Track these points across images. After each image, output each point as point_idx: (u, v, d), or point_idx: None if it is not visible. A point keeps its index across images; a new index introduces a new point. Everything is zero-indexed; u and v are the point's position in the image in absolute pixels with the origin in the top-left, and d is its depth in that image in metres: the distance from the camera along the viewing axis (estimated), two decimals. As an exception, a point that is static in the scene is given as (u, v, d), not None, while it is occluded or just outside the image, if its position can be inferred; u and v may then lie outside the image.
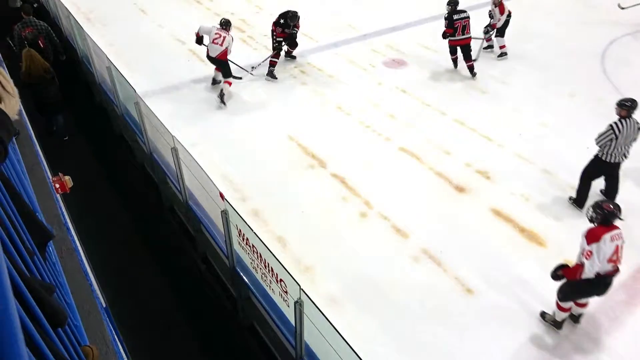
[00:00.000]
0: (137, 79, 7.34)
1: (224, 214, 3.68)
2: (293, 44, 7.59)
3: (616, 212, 3.50)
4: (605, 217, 3.50)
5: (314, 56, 8.27)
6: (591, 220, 3.56)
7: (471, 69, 7.38)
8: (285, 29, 7.29)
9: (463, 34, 7.13)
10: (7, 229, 1.13)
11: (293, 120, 6.51)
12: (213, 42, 6.41)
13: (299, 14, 7.45)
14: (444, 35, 7.22)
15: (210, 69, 7.49)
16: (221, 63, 6.52)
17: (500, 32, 7.89)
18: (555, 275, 3.72)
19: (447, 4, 7.12)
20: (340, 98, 7.07)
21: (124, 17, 9.79)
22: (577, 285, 3.65)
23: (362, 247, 4.41)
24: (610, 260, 3.51)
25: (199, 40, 6.57)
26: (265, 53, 8.27)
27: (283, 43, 7.38)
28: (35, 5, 10.45)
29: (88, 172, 6.21)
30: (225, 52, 6.43)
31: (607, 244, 3.46)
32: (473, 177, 5.46)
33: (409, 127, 6.37)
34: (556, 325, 3.88)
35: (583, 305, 3.91)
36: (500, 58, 7.97)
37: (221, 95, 6.52)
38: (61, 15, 8.06)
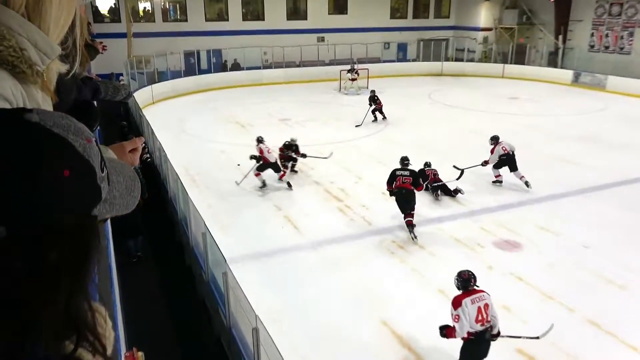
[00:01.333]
0: (230, 242, 7.85)
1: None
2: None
3: (471, 278, 4.62)
4: (463, 284, 4.60)
5: (415, 231, 8.44)
6: (457, 288, 4.62)
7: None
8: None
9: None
10: None
11: (387, 303, 6.33)
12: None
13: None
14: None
15: (306, 241, 7.97)
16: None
17: (510, 167, 10.19)
18: (441, 332, 4.72)
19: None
20: (441, 281, 6.82)
21: (225, 178, 11.03)
22: (465, 346, 4.68)
23: None
24: (477, 321, 4.50)
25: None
26: (362, 224, 8.66)
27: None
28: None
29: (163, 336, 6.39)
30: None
31: (468, 307, 4.50)
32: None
33: (526, 324, 5.87)
34: None
35: None
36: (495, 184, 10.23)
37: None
38: (170, 178, 9.37)
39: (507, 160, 10.32)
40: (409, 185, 8.16)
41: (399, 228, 8.43)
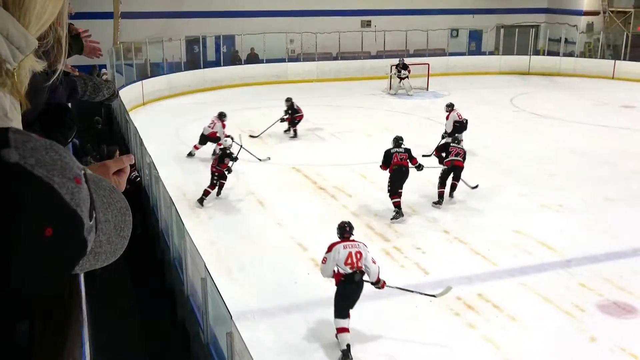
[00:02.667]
0: (238, 292, 7.90)
1: None
2: None
3: (346, 227, 7.00)
4: (339, 232, 6.99)
5: (488, 285, 8.33)
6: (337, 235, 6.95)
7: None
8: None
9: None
10: None
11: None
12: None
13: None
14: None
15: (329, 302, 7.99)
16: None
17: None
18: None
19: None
20: (526, 355, 6.84)
21: (236, 208, 11.25)
22: (337, 288, 6.73)
23: None
24: (346, 264, 6.60)
25: None
26: (416, 272, 8.63)
27: None
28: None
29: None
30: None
31: (340, 252, 6.63)
32: None
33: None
34: (344, 354, 6.52)
35: (344, 330, 6.62)
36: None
37: None
38: (162, 204, 9.55)
39: (460, 127, 13.55)
40: (406, 162, 10.59)
41: (464, 280, 8.36)
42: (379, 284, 6.95)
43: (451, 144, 11.62)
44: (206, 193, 11.23)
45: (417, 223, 10.55)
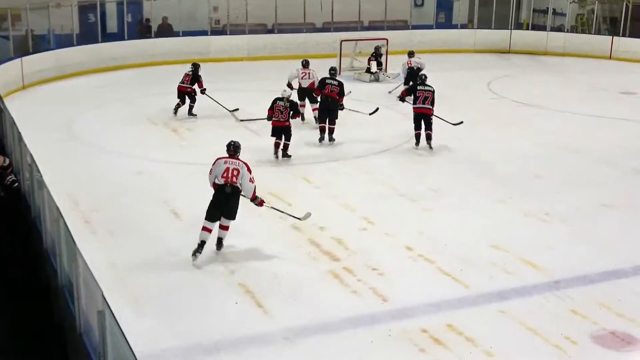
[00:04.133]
0: (146, 326, 7.70)
1: None
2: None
3: (231, 146, 9.74)
4: (226, 149, 9.78)
5: (460, 314, 8.41)
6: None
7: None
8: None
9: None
10: None
11: None
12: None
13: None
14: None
15: (276, 328, 7.97)
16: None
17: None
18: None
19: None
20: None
21: (145, 220, 11.01)
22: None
23: None
24: (222, 177, 9.40)
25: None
26: (372, 299, 8.68)
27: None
28: None
29: None
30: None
31: (220, 165, 9.46)
32: None
33: None
34: (198, 247, 9.44)
35: (205, 229, 9.53)
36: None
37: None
38: (47, 217, 9.33)
39: (411, 75, 18.45)
40: (336, 94, 14.72)
41: (432, 307, 8.45)
42: (255, 200, 9.79)
43: (418, 88, 14.69)
44: None
45: (373, 237, 10.60)
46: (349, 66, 22.86)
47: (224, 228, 9.77)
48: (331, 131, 14.97)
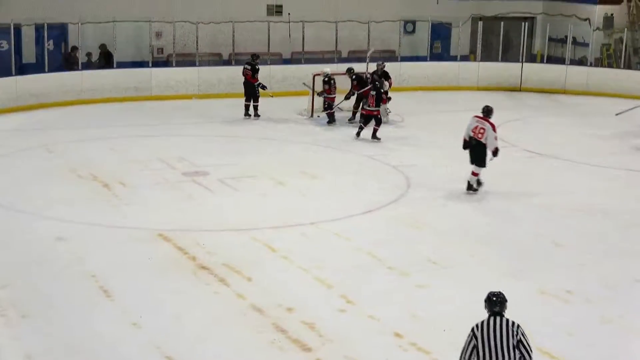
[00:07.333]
0: None
1: None
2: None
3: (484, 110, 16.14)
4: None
5: None
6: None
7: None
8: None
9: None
10: None
11: None
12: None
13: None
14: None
15: None
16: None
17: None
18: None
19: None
20: None
21: (66, 299, 10.71)
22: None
23: None
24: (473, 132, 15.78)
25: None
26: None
27: None
28: None
29: None
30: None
31: (471, 121, 16.04)
32: None
33: None
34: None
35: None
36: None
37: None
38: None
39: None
40: (250, 77, 21.15)
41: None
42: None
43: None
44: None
45: (353, 320, 10.49)
46: (322, 106, 22.87)
47: (473, 174, 15.49)
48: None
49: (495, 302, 7.68)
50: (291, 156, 18.87)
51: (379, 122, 19.80)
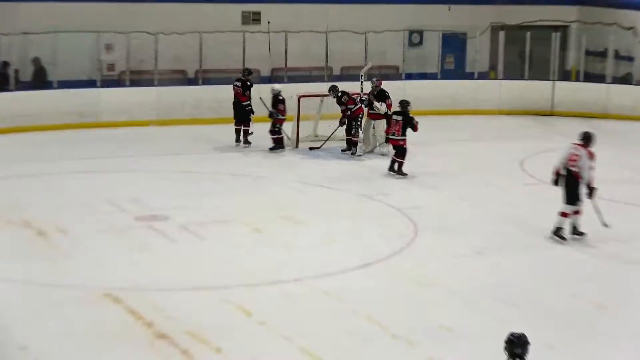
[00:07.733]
0: None
1: None
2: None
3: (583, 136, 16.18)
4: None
5: None
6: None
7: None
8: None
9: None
10: None
11: None
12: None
13: None
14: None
15: None
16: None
17: None
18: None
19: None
20: None
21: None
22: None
23: None
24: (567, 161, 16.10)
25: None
26: None
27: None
28: None
29: None
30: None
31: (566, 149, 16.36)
32: None
33: None
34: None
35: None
36: None
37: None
38: None
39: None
40: (240, 95, 23.12)
41: None
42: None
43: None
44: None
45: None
46: (311, 134, 22.90)
47: (562, 214, 15.56)
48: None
49: (517, 344, 7.89)
50: (271, 197, 18.83)
51: (403, 154, 20.39)
